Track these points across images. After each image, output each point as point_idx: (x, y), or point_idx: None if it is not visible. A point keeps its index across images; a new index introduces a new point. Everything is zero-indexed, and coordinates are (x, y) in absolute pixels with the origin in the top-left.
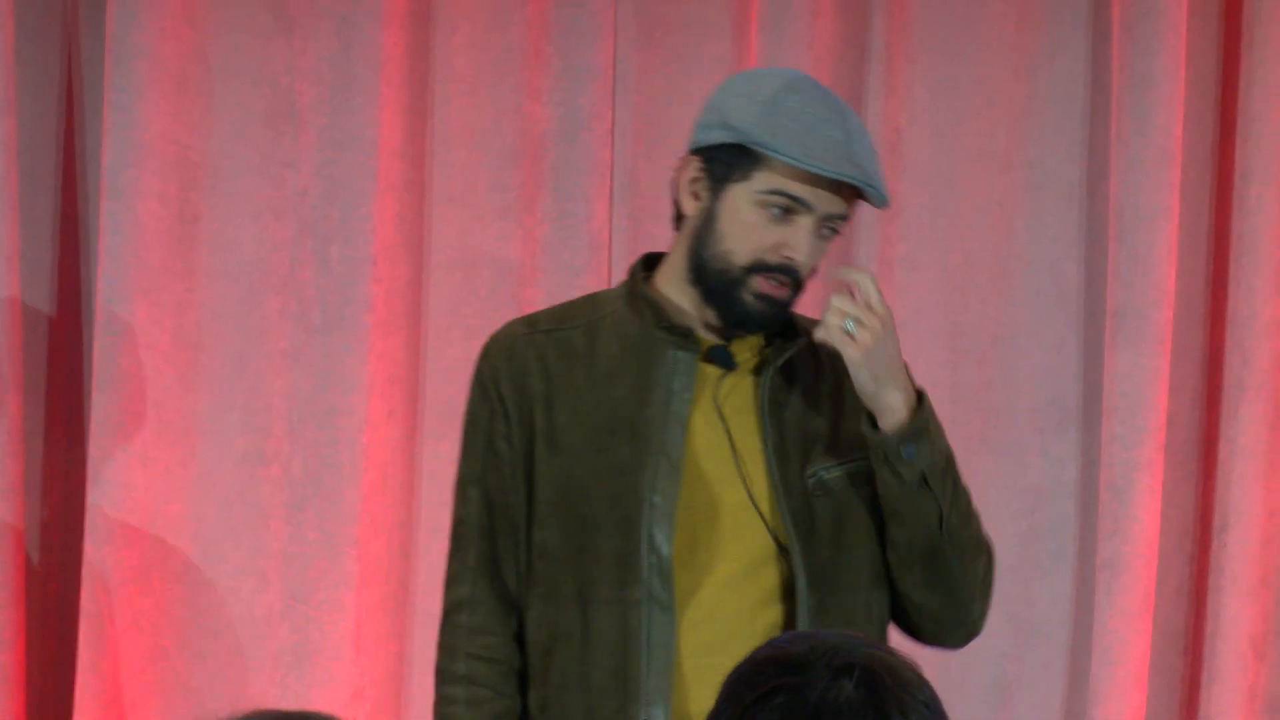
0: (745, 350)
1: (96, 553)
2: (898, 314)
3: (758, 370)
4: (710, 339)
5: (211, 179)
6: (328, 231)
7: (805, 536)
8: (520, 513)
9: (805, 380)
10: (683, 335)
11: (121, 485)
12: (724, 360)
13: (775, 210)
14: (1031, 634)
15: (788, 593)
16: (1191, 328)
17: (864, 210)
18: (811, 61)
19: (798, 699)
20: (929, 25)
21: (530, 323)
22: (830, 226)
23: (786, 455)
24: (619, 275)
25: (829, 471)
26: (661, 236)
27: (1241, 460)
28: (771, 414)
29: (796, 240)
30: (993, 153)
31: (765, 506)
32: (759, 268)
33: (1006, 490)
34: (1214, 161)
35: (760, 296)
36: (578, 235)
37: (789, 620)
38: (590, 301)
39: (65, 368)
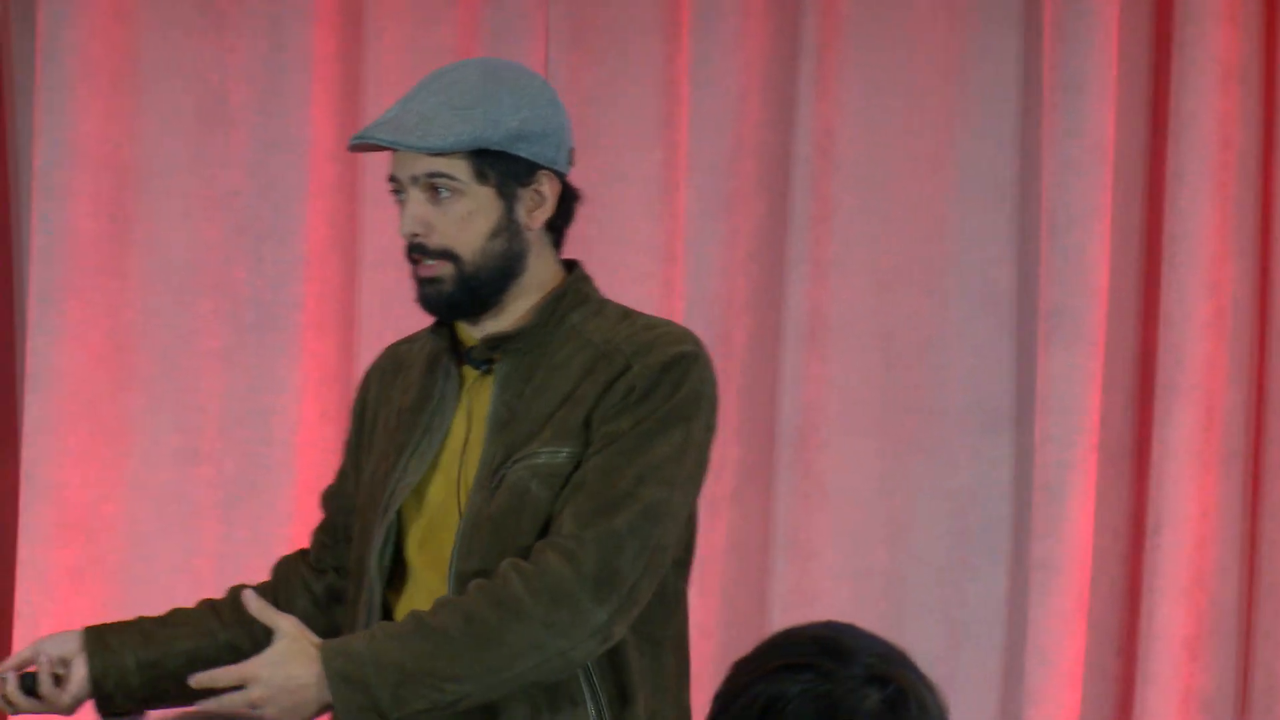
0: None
1: (31, 553)
2: (829, 316)
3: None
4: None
5: (143, 178)
6: (260, 231)
7: (467, 537)
8: (346, 511)
9: (552, 377)
10: (451, 343)
11: (56, 485)
12: (473, 362)
13: (396, 197)
14: (965, 635)
15: None
16: (1124, 328)
17: (797, 213)
18: (742, 62)
19: (823, 685)
20: (861, 26)
21: (406, 337)
22: (435, 186)
23: (493, 452)
24: None
25: (516, 465)
26: (594, 237)
27: (1174, 461)
28: (495, 410)
29: (401, 217)
30: (924, 154)
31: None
32: (407, 255)
33: (939, 492)
34: (1146, 162)
35: (420, 281)
36: None
37: None
38: None
39: None
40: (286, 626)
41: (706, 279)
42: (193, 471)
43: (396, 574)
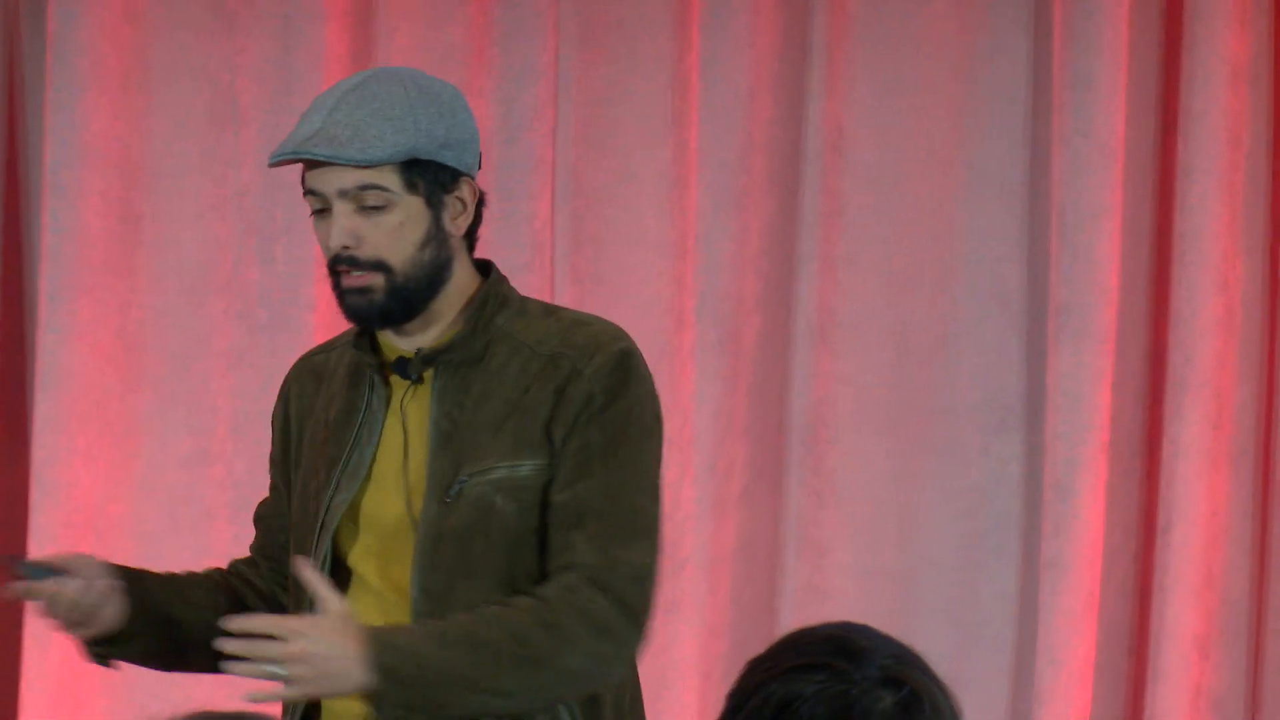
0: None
1: (40, 552)
2: (840, 313)
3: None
4: (406, 350)
5: (153, 178)
6: (271, 231)
7: (428, 552)
8: (284, 529)
9: (491, 384)
10: (374, 352)
11: (65, 485)
12: (402, 371)
13: (314, 211)
14: (975, 634)
15: None
16: (1134, 326)
17: (807, 210)
18: (752, 60)
19: (837, 686)
20: (870, 24)
21: (319, 347)
22: (361, 203)
23: (441, 465)
24: (561, 273)
25: (474, 479)
26: (604, 236)
27: (1184, 459)
28: (437, 422)
29: (328, 230)
30: (934, 152)
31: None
32: (330, 267)
33: (949, 490)
34: (1156, 160)
35: (346, 291)
36: (520, 234)
37: None
38: None
39: (8, 367)
40: (339, 604)
41: (717, 276)
42: (203, 472)
43: (335, 581)
